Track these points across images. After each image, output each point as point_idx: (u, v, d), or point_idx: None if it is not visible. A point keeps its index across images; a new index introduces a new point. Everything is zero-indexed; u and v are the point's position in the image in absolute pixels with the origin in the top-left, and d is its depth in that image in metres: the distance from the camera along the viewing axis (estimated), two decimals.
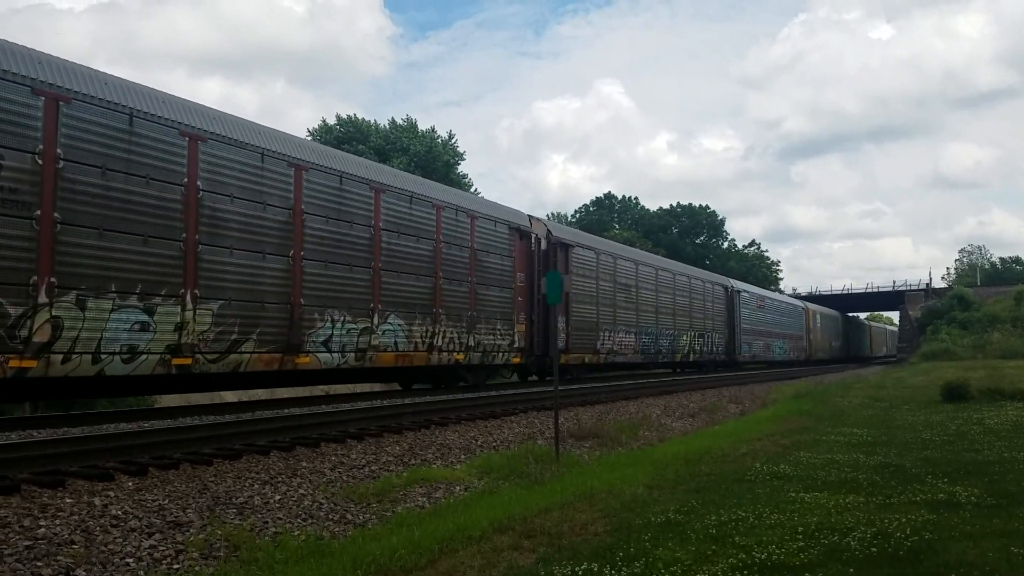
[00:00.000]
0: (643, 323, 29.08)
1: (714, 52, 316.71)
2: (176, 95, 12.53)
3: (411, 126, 52.99)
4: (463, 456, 10.56)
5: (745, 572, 4.85)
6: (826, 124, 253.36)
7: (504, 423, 13.47)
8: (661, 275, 31.49)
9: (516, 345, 20.64)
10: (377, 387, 23.09)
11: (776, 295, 55.94)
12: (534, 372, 23.54)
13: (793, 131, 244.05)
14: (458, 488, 8.78)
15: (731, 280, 41.96)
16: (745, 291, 42.08)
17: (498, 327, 19.95)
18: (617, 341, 26.64)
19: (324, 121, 52.38)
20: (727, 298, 39.02)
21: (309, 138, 45.61)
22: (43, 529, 5.92)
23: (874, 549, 5.32)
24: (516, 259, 21.08)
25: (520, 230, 21.55)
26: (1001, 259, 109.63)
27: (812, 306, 58.37)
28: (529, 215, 23.16)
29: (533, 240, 22.08)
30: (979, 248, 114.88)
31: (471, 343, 18.86)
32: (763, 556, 5.16)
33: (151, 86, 12.24)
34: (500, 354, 20.01)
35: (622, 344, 27.08)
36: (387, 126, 52.61)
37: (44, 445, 8.13)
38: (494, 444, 11.56)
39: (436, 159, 51.23)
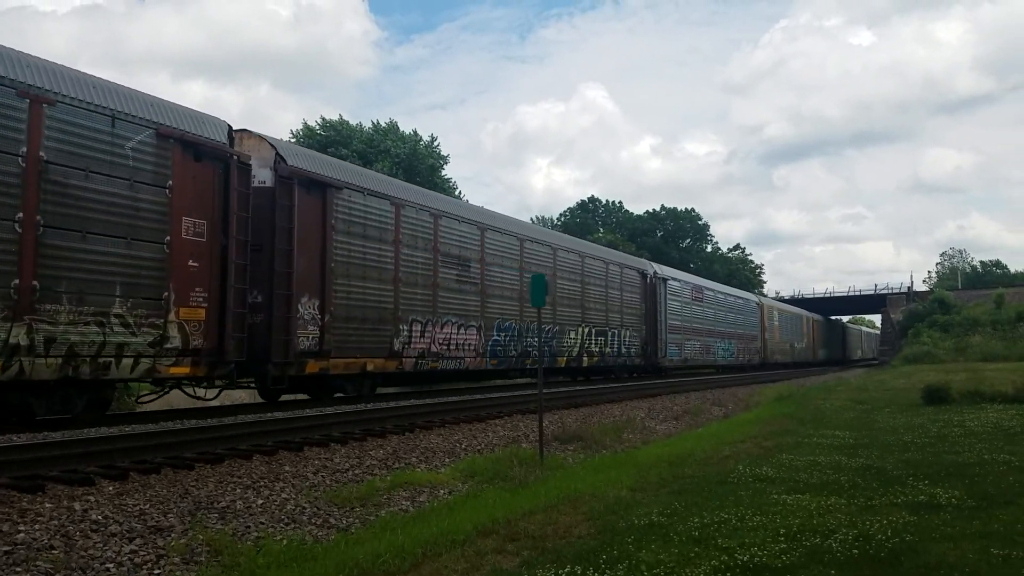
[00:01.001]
0: (495, 314, 21.24)
1: (698, 57, 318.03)
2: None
3: (393, 128, 52.88)
4: (447, 459, 10.54)
5: (727, 574, 4.87)
6: (808, 129, 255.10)
7: (488, 426, 13.46)
8: (530, 249, 23.26)
9: (172, 344, 12.17)
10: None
11: (723, 287, 46.68)
12: (219, 383, 14.25)
13: (775, 136, 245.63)
14: (442, 492, 8.76)
15: (653, 265, 34.51)
16: (674, 279, 34.95)
17: (119, 311, 11.38)
18: (441, 339, 18.85)
19: (306, 124, 52.18)
20: (645, 286, 31.67)
21: (292, 141, 45.48)
22: (22, 534, 5.86)
23: (855, 551, 5.35)
24: (177, 192, 12.34)
25: (190, 143, 12.58)
26: (982, 263, 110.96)
27: (769, 301, 54.45)
28: (244, 129, 14.92)
29: (232, 167, 13.24)
30: (960, 252, 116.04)
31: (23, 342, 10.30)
32: (745, 558, 5.18)
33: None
34: (125, 360, 11.49)
35: (452, 343, 19.30)
36: (369, 129, 52.46)
37: (23, 450, 8.04)
38: (478, 447, 11.54)
39: (420, 162, 51.15)
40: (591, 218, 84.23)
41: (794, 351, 57.05)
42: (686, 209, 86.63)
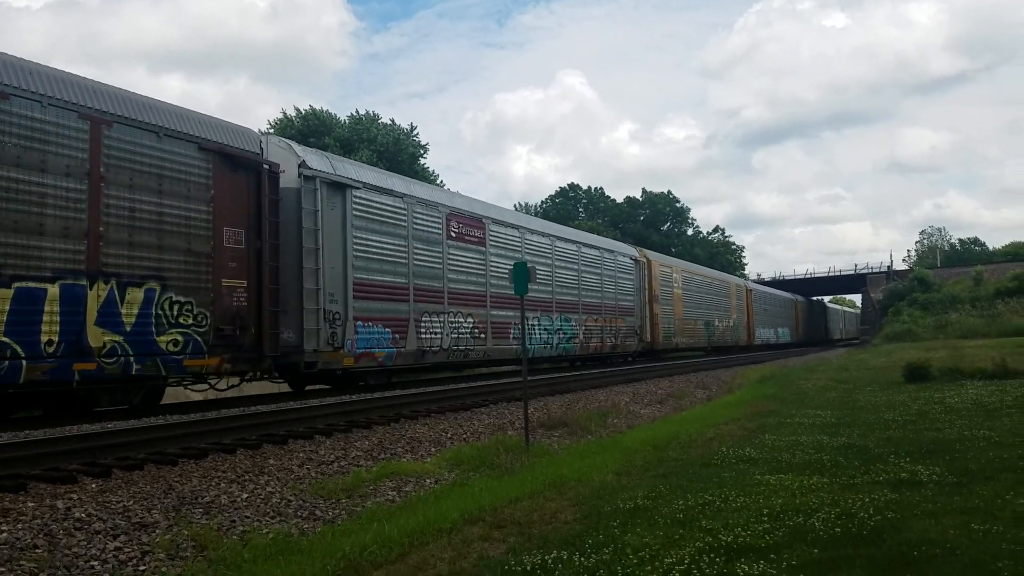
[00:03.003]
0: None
1: (676, 42, 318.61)
2: None
3: (372, 119, 52.58)
4: (433, 449, 10.55)
5: (712, 555, 4.90)
6: (785, 112, 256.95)
7: (474, 415, 13.47)
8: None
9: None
10: None
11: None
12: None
13: (753, 119, 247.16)
14: (428, 481, 8.77)
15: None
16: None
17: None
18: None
19: (284, 114, 51.73)
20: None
21: (271, 131, 45.12)
22: (4, 534, 5.81)
23: (838, 529, 5.40)
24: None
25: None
26: (960, 240, 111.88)
27: (656, 255, 36.74)
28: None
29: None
30: (939, 230, 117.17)
31: None
32: (729, 539, 5.22)
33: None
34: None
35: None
36: (347, 120, 52.11)
37: (4, 448, 7.97)
38: (464, 436, 11.55)
39: (402, 151, 50.91)
40: (572, 205, 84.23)
41: (715, 332, 42.73)
42: (662, 192, 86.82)
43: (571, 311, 26.45)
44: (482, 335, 21.08)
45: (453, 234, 20.37)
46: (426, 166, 54.19)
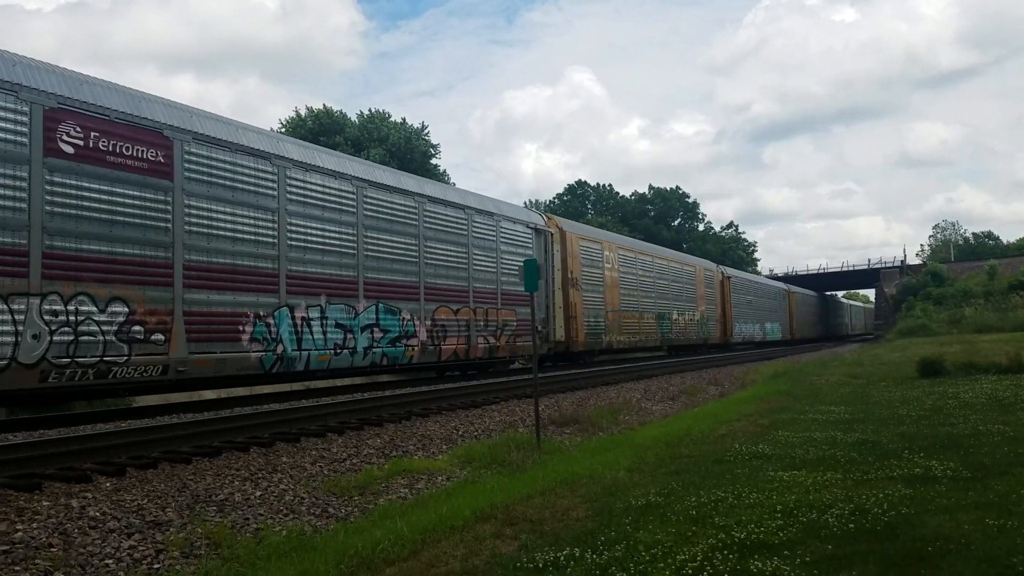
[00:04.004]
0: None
1: (682, 38, 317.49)
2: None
3: (382, 118, 52.65)
4: (445, 446, 10.56)
5: (725, 552, 4.89)
6: (794, 107, 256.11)
7: (485, 412, 13.48)
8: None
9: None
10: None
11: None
12: None
13: (762, 114, 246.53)
14: (440, 478, 8.78)
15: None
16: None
17: None
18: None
19: (297, 113, 51.89)
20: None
21: (282, 131, 45.24)
22: (20, 533, 5.85)
23: (852, 525, 5.37)
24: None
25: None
26: (974, 234, 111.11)
27: (575, 226, 28.45)
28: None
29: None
30: (952, 224, 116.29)
31: None
32: (742, 535, 5.20)
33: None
34: None
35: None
36: (357, 119, 52.19)
37: (20, 448, 8.04)
38: (475, 433, 11.56)
39: (414, 150, 50.97)
40: (580, 202, 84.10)
41: (673, 329, 34.74)
42: (673, 188, 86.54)
43: (401, 296, 17.67)
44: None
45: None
46: (436, 165, 54.23)
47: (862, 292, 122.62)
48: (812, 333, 66.85)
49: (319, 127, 49.10)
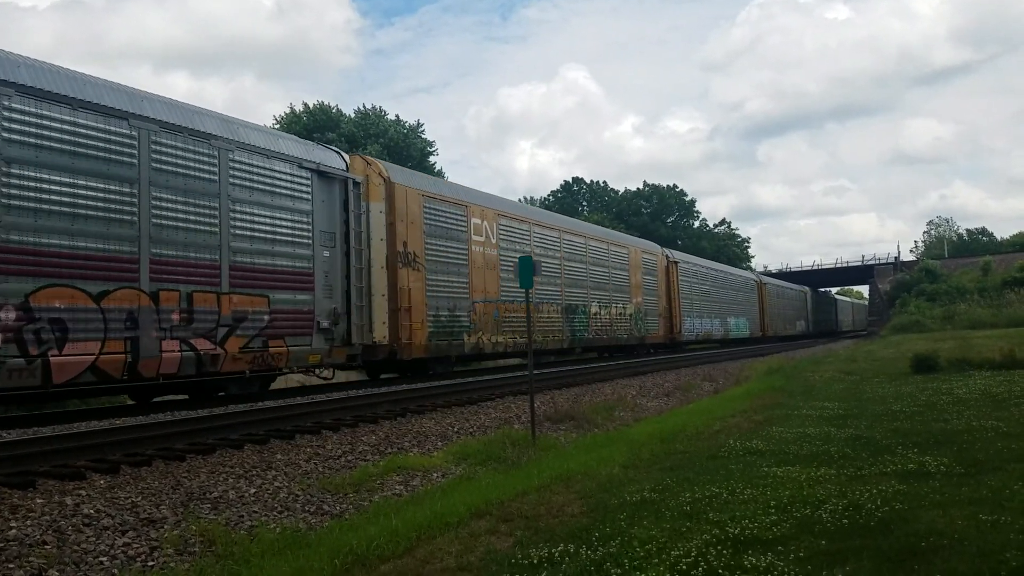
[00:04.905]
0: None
1: (678, 35, 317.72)
2: None
3: (378, 114, 52.54)
4: (440, 443, 10.56)
5: (719, 547, 4.89)
6: (789, 104, 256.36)
7: (480, 409, 13.48)
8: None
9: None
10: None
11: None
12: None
13: (757, 112, 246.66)
14: (435, 475, 8.78)
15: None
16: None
17: None
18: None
19: (292, 109, 51.75)
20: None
21: (276, 127, 45.12)
22: (14, 531, 5.84)
23: (846, 521, 5.38)
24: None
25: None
26: (968, 231, 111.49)
27: (407, 174, 19.44)
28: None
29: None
30: (947, 220, 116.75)
31: None
32: (736, 531, 5.21)
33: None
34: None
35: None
36: (352, 115, 52.07)
37: (13, 445, 8.01)
38: (471, 430, 11.56)
39: (411, 147, 50.86)
40: (575, 199, 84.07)
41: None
42: (670, 186, 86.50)
43: None
44: None
45: None
46: (435, 163, 54.09)
47: (856, 288, 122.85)
48: (793, 330, 59.89)
49: (314, 123, 48.97)
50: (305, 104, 51.90)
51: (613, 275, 29.52)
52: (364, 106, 53.44)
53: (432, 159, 54.15)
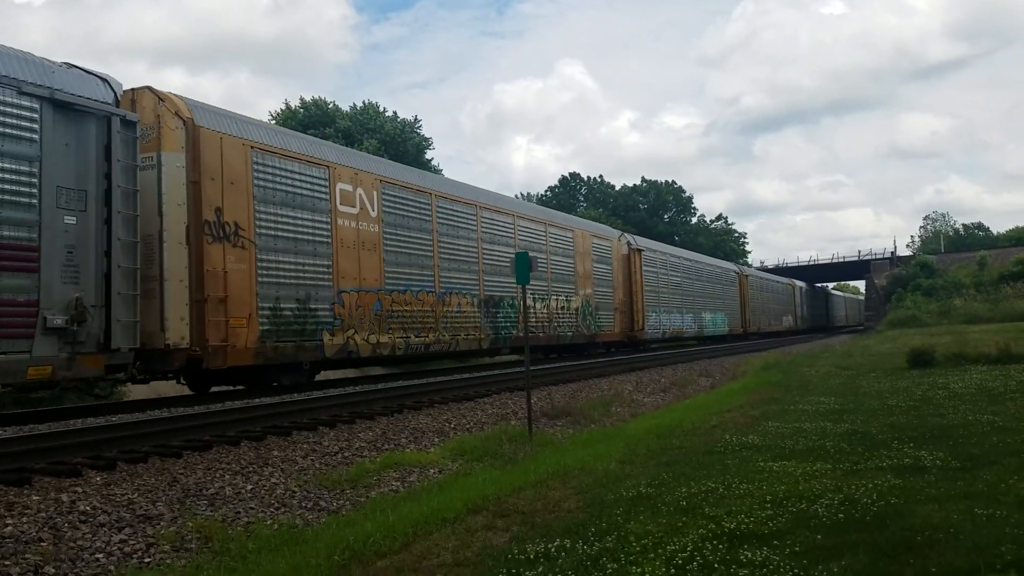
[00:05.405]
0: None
1: (674, 31, 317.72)
2: None
3: (374, 109, 52.43)
4: (437, 439, 10.56)
5: (715, 542, 4.89)
6: (784, 100, 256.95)
7: (477, 405, 13.48)
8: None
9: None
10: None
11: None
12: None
13: (752, 107, 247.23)
14: (432, 471, 8.78)
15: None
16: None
17: None
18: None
19: (288, 105, 51.62)
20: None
21: (273, 122, 45.03)
22: (10, 527, 5.83)
23: (841, 515, 5.39)
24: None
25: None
26: (964, 226, 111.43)
27: (236, 127, 13.97)
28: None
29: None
30: (943, 215, 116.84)
31: None
32: (732, 526, 5.21)
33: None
34: None
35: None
36: (349, 110, 51.93)
37: (9, 443, 8.00)
38: (467, 426, 11.57)
39: (407, 142, 50.75)
40: (572, 195, 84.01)
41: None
42: (667, 182, 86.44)
43: None
44: None
45: None
46: (429, 158, 54.01)
47: (852, 283, 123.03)
48: (780, 325, 56.57)
49: (310, 119, 48.85)
50: (302, 99, 51.82)
51: (553, 262, 25.45)
52: (361, 102, 53.34)
53: (429, 154, 54.08)
